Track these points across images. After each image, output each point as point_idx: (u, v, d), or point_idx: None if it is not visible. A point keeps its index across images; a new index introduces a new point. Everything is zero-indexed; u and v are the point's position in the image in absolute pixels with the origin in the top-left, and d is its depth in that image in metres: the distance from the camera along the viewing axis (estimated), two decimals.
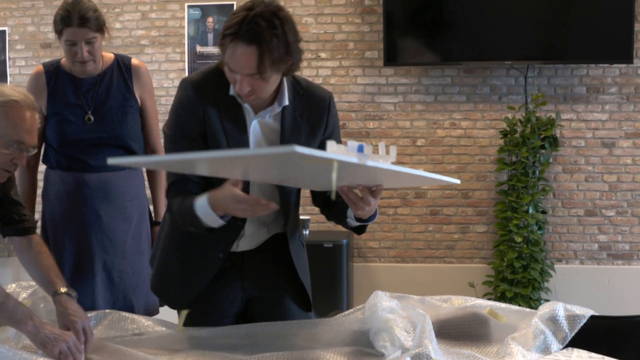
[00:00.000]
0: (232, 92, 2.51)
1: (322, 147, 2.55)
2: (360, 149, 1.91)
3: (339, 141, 2.53)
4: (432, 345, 2.38)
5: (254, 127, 2.56)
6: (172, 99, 5.82)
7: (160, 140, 3.60)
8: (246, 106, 2.53)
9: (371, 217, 2.47)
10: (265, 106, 2.54)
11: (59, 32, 3.35)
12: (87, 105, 3.46)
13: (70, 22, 3.28)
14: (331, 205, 2.62)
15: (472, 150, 5.93)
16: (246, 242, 2.67)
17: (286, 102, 2.55)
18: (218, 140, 2.52)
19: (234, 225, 2.54)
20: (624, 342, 2.72)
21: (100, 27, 3.37)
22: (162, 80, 6.03)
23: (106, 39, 3.45)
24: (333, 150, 1.86)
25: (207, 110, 2.52)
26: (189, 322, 2.62)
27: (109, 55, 3.59)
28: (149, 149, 3.65)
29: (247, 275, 2.69)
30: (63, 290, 2.62)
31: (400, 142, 5.94)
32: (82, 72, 3.45)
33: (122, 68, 3.57)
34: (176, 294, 2.72)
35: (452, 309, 2.73)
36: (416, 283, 5.84)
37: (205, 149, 2.50)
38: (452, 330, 2.68)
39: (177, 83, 5.89)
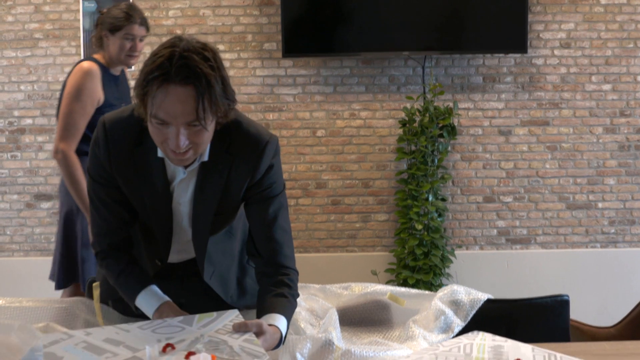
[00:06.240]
0: (159, 154, 2.21)
1: (246, 194, 2.34)
2: None
3: (269, 190, 2.33)
4: (336, 333, 2.39)
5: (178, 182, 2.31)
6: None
7: None
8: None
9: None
10: None
11: (118, 27, 4.13)
12: (122, 98, 4.27)
13: (134, 20, 4.13)
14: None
15: (371, 140, 5.96)
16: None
17: (205, 158, 2.25)
18: (134, 198, 2.33)
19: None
20: (522, 323, 2.77)
21: (149, 29, 4.28)
22: (58, 74, 5.89)
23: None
24: None
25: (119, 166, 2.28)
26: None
27: None
28: None
29: (173, 283, 2.54)
30: None
31: (300, 133, 5.94)
32: (129, 64, 4.25)
33: None
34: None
35: (353, 296, 2.74)
36: (319, 273, 5.85)
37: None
38: (354, 317, 2.69)
39: None
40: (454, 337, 2.56)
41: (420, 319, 2.60)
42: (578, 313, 3.39)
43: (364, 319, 2.69)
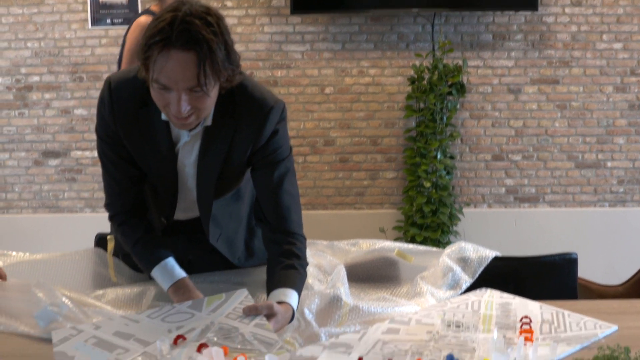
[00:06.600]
0: (164, 117, 2.20)
1: (251, 159, 2.31)
2: None
3: (274, 155, 2.29)
4: (344, 289, 2.39)
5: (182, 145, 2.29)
6: (76, 50, 5.69)
7: None
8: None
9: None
10: None
11: None
12: None
13: None
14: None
15: (380, 98, 5.94)
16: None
17: (209, 122, 2.22)
18: (140, 159, 2.31)
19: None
20: (530, 281, 2.77)
21: None
22: (64, 31, 5.86)
23: None
24: None
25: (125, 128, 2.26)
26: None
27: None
28: None
29: (181, 239, 2.54)
30: None
31: (308, 90, 5.92)
32: None
33: None
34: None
35: (360, 252, 2.74)
36: (327, 230, 5.86)
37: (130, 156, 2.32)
38: (362, 274, 2.69)
39: (80, 34, 5.78)
40: (461, 293, 2.56)
41: (428, 276, 2.60)
42: (586, 272, 3.39)
43: (371, 275, 2.69)
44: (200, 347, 1.84)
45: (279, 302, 2.10)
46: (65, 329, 1.98)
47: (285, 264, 2.24)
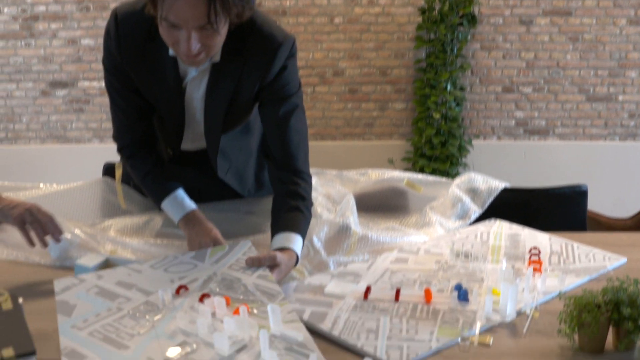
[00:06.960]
0: (171, 52, 2.16)
1: (259, 95, 2.27)
2: None
3: (282, 91, 2.24)
4: (353, 218, 2.39)
5: (189, 82, 2.27)
6: None
7: None
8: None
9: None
10: None
11: None
12: None
13: None
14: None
15: (390, 28, 5.87)
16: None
17: (217, 58, 2.18)
18: (146, 92, 2.29)
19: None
20: (539, 212, 2.77)
21: None
22: None
23: None
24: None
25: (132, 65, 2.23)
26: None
27: None
28: None
29: (190, 169, 2.53)
30: None
31: (317, 20, 5.85)
32: None
33: None
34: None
35: (369, 182, 2.73)
36: (336, 160, 5.85)
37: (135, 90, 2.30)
38: (371, 203, 2.69)
39: None
40: (470, 224, 2.56)
41: (437, 206, 2.60)
42: (595, 205, 3.39)
43: (380, 205, 2.69)
44: (203, 297, 1.84)
45: (283, 249, 2.09)
46: (68, 279, 1.98)
47: (290, 206, 2.21)
